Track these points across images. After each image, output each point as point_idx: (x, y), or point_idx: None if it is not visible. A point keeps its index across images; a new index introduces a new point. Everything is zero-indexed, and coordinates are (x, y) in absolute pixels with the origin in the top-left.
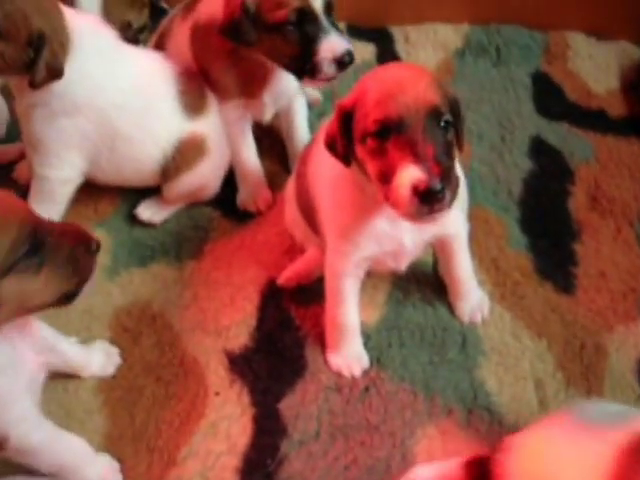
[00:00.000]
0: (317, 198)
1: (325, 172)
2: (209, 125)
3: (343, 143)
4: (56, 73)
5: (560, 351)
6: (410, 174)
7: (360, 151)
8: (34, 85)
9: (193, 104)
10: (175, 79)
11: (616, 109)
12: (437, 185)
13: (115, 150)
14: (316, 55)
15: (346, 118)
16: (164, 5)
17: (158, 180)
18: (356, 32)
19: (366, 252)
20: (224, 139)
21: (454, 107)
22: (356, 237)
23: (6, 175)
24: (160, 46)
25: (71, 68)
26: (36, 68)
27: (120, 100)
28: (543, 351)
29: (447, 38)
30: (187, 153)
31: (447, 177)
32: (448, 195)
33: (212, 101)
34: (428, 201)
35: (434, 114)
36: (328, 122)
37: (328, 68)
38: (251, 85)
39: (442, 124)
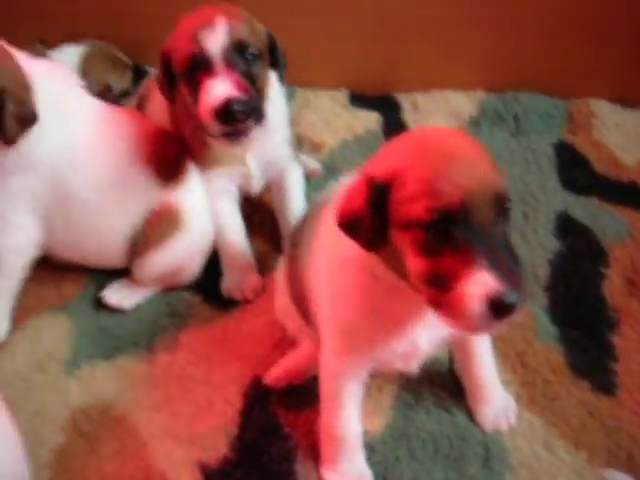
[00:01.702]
0: (313, 285)
1: (325, 254)
2: (186, 196)
3: (373, 225)
4: (28, 120)
5: (603, 464)
6: (483, 283)
7: (399, 240)
8: (10, 141)
9: (167, 171)
10: (147, 141)
11: None
12: (515, 297)
13: (70, 217)
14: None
15: (378, 194)
16: (147, 68)
17: (124, 260)
18: (360, 100)
19: (372, 353)
20: (206, 213)
21: None
22: (360, 335)
23: None
24: (140, 109)
25: None
26: (4, 125)
27: (74, 157)
28: (582, 465)
29: (460, 106)
30: (158, 227)
31: (519, 283)
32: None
33: (191, 169)
34: (502, 313)
35: (501, 200)
36: (343, 195)
37: None
38: (235, 152)
39: (505, 213)
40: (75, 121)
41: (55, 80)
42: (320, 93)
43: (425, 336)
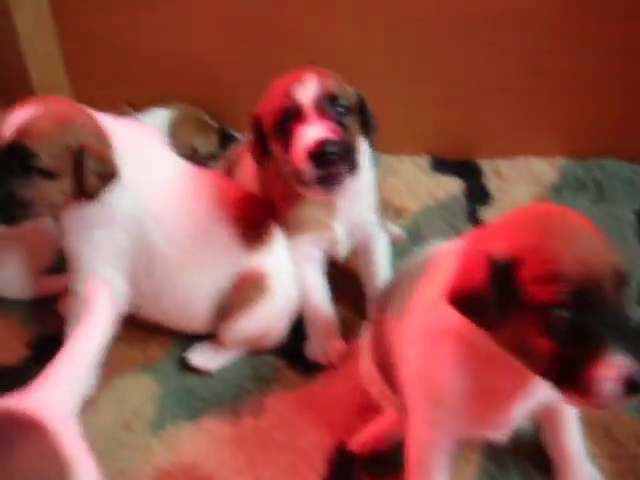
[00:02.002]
0: (403, 353)
1: (421, 324)
2: (272, 261)
3: (495, 305)
4: (109, 176)
5: None
6: (617, 364)
7: (523, 320)
8: (91, 196)
9: (254, 235)
10: (233, 203)
11: None
12: None
13: (153, 274)
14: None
15: (500, 273)
16: (234, 132)
17: (209, 323)
18: (442, 165)
19: (464, 424)
20: (291, 278)
21: None
22: (454, 406)
23: (50, 307)
24: (229, 173)
25: None
26: (85, 180)
27: (156, 212)
28: None
29: (541, 172)
30: (245, 291)
31: None
32: None
33: (277, 234)
34: (635, 392)
35: (624, 278)
36: (457, 272)
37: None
38: (322, 217)
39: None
40: (157, 178)
41: (138, 139)
42: (403, 158)
43: (520, 406)
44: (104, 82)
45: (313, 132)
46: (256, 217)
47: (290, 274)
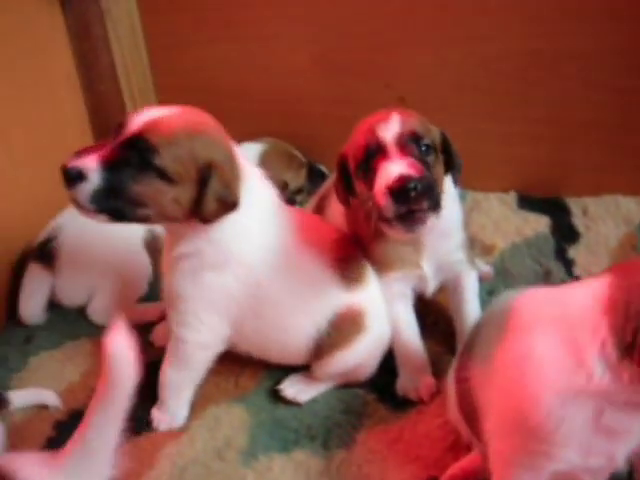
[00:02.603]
0: (491, 401)
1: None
2: (367, 298)
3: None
4: (228, 205)
5: None
6: None
7: None
8: (205, 220)
9: (351, 274)
10: (333, 245)
11: None
12: None
13: (262, 318)
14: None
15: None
16: (323, 169)
17: (307, 358)
18: (528, 202)
19: (562, 465)
20: (384, 314)
21: None
22: (554, 446)
23: (144, 336)
24: (320, 209)
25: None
26: (204, 198)
27: (271, 259)
28: None
29: (630, 211)
30: (344, 329)
31: None
32: None
33: (370, 271)
34: None
35: None
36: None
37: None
38: (410, 255)
39: None
40: (275, 223)
41: (262, 181)
42: (489, 196)
43: (626, 450)
44: None
45: (394, 168)
46: (353, 257)
47: (383, 310)
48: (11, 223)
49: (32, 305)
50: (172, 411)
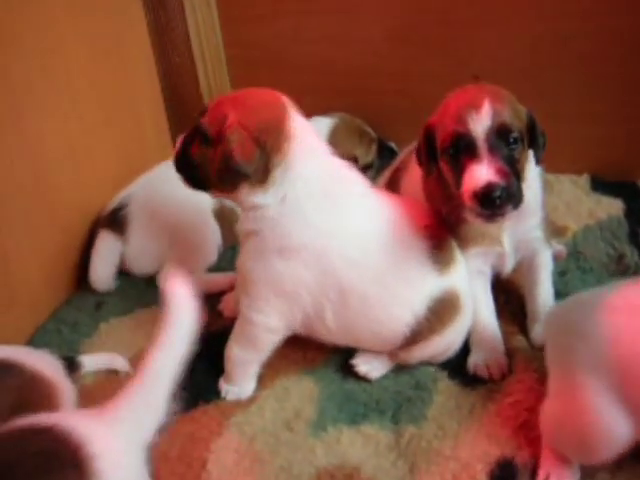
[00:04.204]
0: None
1: None
2: (460, 278)
3: None
4: (232, 169)
5: None
6: None
7: None
8: (216, 183)
9: (444, 257)
10: (425, 231)
11: None
12: None
13: (348, 307)
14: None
15: None
16: (392, 146)
17: (400, 344)
18: (601, 185)
19: None
20: (469, 293)
21: None
22: None
23: (212, 306)
24: (394, 181)
25: (286, 197)
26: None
27: (346, 247)
28: None
29: None
30: (443, 312)
31: None
32: None
33: (458, 250)
34: None
35: None
36: None
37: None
38: (491, 231)
39: None
40: (352, 210)
41: (336, 167)
42: (561, 178)
43: None
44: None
45: (482, 174)
46: (441, 237)
47: (468, 288)
48: (83, 191)
49: (102, 272)
50: (238, 384)
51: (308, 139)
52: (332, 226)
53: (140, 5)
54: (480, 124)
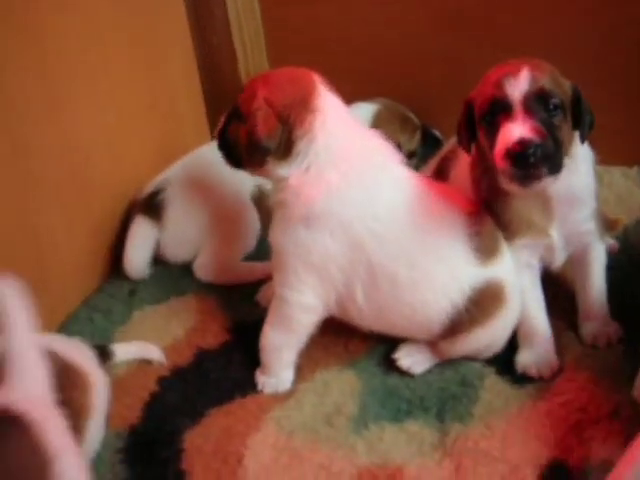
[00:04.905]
0: None
1: None
2: (506, 270)
3: None
4: (254, 144)
5: None
6: None
7: None
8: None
9: (486, 246)
10: (465, 218)
11: None
12: None
13: (377, 289)
14: None
15: None
16: (437, 134)
17: (439, 334)
18: None
19: None
20: (517, 286)
21: None
22: None
23: (249, 296)
24: (442, 170)
25: (310, 167)
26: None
27: (377, 226)
28: None
29: None
30: (485, 304)
31: None
32: None
33: (503, 241)
34: None
35: None
36: None
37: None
38: (539, 221)
39: None
40: (383, 188)
41: (371, 146)
42: (612, 170)
43: None
44: None
45: (516, 131)
46: (486, 226)
47: (516, 281)
48: (120, 176)
49: (137, 258)
50: (275, 374)
51: (335, 113)
52: (358, 197)
53: None
54: (517, 88)
